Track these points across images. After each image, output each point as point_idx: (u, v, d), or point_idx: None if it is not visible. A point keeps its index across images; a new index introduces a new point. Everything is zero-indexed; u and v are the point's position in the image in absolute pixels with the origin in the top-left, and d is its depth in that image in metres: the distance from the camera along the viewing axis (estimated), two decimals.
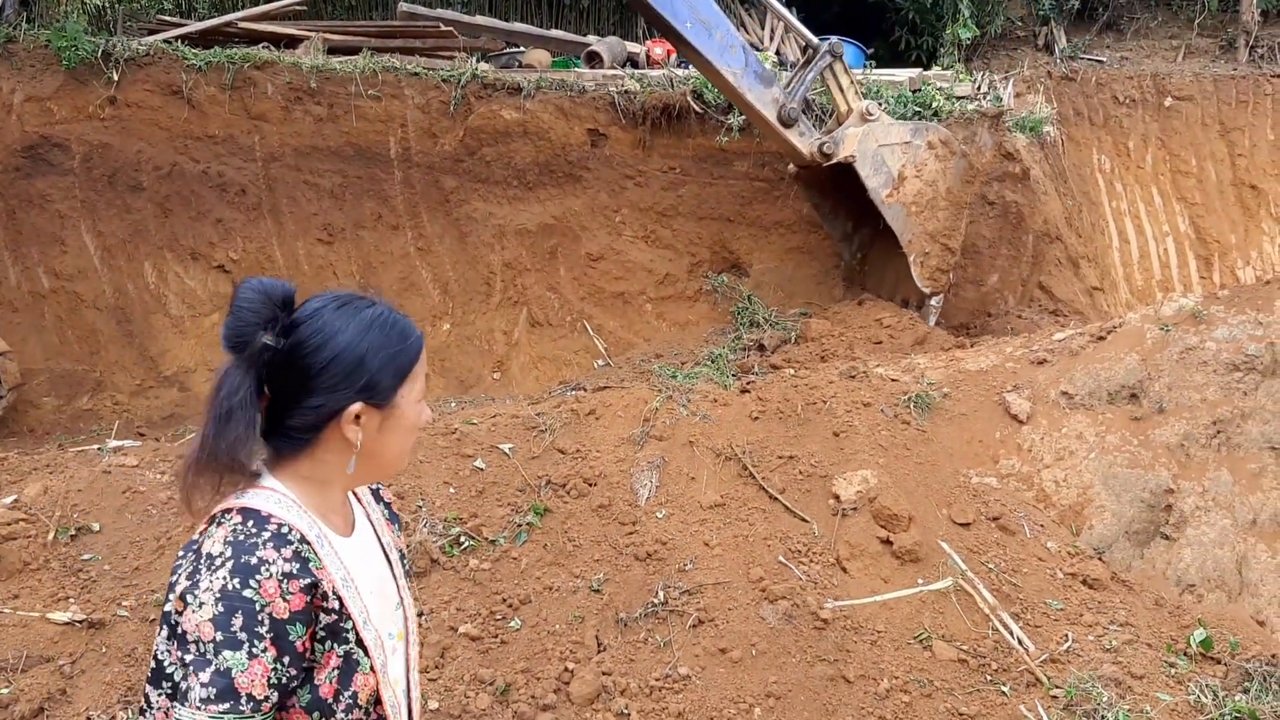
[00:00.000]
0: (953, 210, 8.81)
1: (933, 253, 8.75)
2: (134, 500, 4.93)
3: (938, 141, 8.73)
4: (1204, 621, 4.80)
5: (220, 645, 1.78)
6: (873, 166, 8.54)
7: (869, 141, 8.54)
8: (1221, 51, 13.78)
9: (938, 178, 8.69)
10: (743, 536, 5.08)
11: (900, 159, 8.60)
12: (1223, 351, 5.85)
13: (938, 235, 8.75)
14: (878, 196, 8.57)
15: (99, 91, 9.74)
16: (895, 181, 8.58)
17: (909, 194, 8.61)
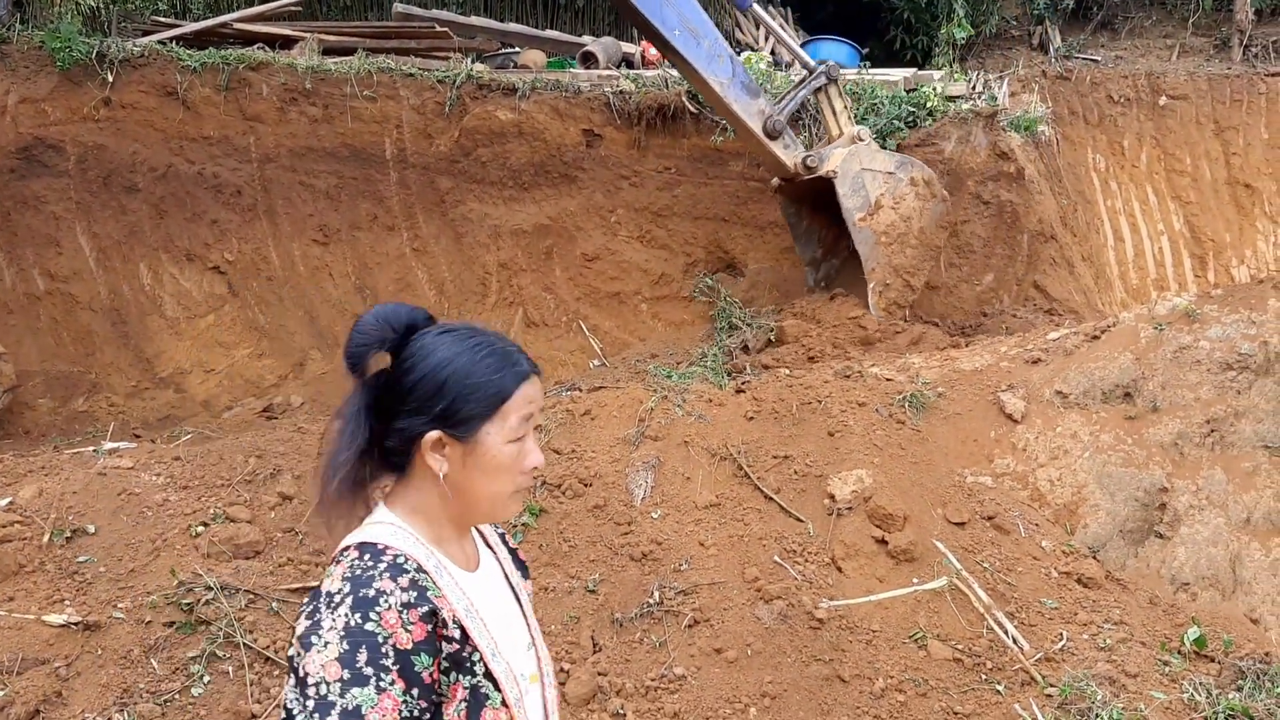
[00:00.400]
0: (922, 250, 8.71)
1: (894, 285, 8.60)
2: (129, 502, 4.93)
3: (921, 179, 8.65)
4: (1198, 620, 4.81)
5: (348, 684, 1.73)
6: (851, 187, 8.40)
7: (853, 162, 8.44)
8: (1216, 50, 13.79)
9: (913, 215, 8.58)
10: (738, 536, 5.09)
11: (880, 187, 8.47)
12: (1216, 350, 5.87)
13: (902, 270, 8.61)
14: (850, 218, 8.42)
15: (94, 93, 9.74)
16: (871, 208, 8.43)
17: (882, 223, 8.46)
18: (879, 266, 8.50)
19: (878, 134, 9.65)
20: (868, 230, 8.43)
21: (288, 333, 10.10)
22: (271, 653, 4.28)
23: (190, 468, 5.22)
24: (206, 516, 4.88)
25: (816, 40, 12.78)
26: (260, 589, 4.55)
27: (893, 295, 8.60)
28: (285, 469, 5.20)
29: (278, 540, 4.85)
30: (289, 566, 4.71)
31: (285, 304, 10.16)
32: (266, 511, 4.97)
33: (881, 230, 8.44)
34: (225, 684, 4.17)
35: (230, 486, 5.09)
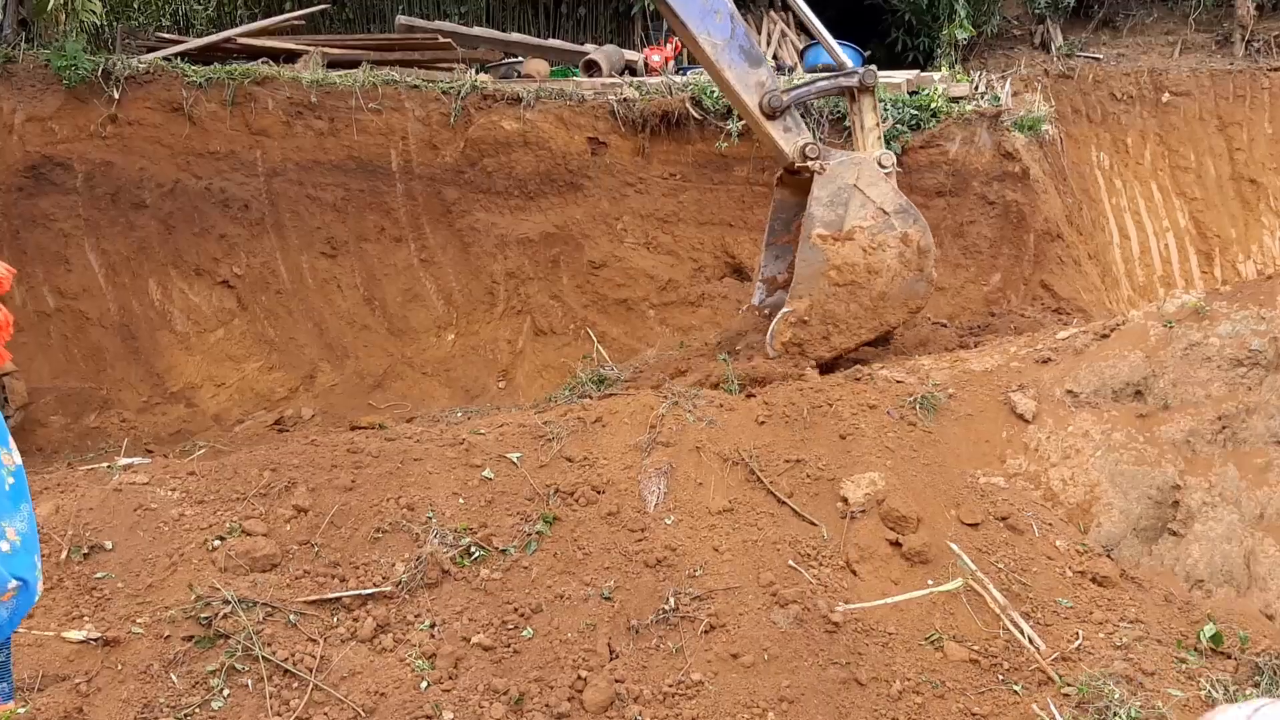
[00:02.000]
0: (868, 315, 7.21)
1: (812, 329, 7.13)
2: (145, 517, 4.95)
3: (915, 243, 7.24)
4: (1213, 617, 4.81)
5: None
6: (831, 197, 7.14)
7: (849, 172, 7.17)
8: (1218, 46, 13.81)
9: (883, 273, 7.16)
10: (752, 541, 5.10)
11: (865, 219, 7.16)
12: (1226, 347, 5.87)
13: (831, 319, 7.15)
14: (809, 227, 7.11)
15: (100, 110, 9.79)
16: (839, 233, 7.12)
17: (841, 256, 7.09)
18: (809, 298, 7.09)
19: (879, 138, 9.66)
20: (820, 252, 7.08)
21: (297, 345, 10.13)
22: (290, 665, 4.29)
23: (205, 482, 5.24)
24: (222, 530, 4.90)
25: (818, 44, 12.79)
26: (278, 601, 4.56)
27: (802, 337, 7.13)
28: (300, 481, 5.21)
29: (294, 552, 4.86)
30: (306, 579, 4.73)
31: (294, 317, 10.20)
32: (282, 524, 4.99)
33: (837, 263, 7.09)
34: (245, 697, 4.19)
35: (245, 500, 5.11)
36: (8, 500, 2.29)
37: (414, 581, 4.75)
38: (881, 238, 7.16)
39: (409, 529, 5.02)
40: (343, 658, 4.38)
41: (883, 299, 7.20)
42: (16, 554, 2.21)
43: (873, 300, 7.18)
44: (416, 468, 5.42)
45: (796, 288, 7.15)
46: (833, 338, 7.18)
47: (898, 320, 7.38)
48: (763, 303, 8.17)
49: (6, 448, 2.39)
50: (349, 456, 5.44)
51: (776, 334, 7.11)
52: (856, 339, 7.25)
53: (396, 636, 4.53)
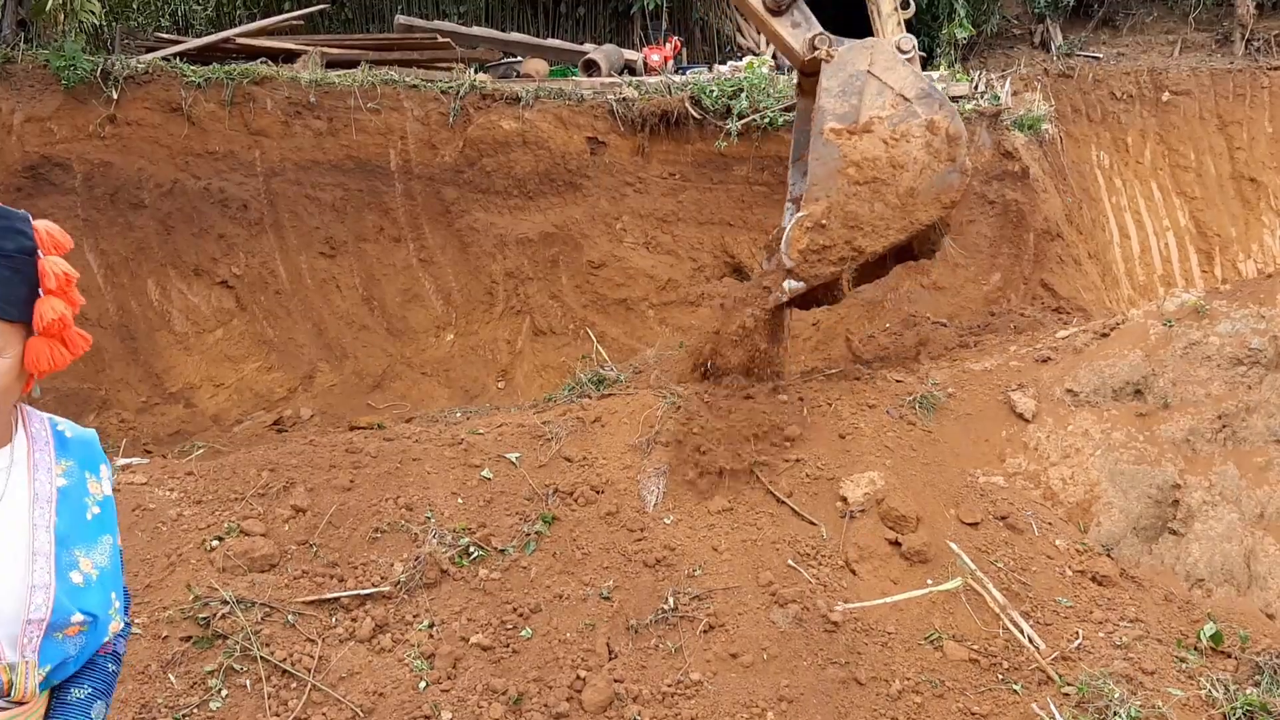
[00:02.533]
0: (897, 214, 6.37)
1: (832, 233, 6.30)
2: (144, 518, 4.94)
3: (943, 130, 6.39)
4: (1214, 616, 4.80)
5: None
6: (843, 87, 6.39)
7: (860, 58, 6.42)
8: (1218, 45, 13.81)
9: (909, 166, 6.33)
10: (751, 541, 5.09)
11: (883, 108, 6.38)
12: (1226, 346, 5.86)
13: (854, 221, 6.31)
14: (821, 122, 6.34)
15: (99, 110, 9.77)
16: (855, 125, 6.35)
17: (860, 151, 6.29)
18: (826, 200, 6.29)
19: None
20: (835, 149, 6.29)
21: (296, 345, 10.11)
22: (288, 665, 4.29)
23: (203, 482, 5.23)
24: (221, 531, 4.89)
25: None
26: (276, 602, 4.55)
27: (822, 243, 6.31)
28: (298, 481, 5.21)
29: (292, 553, 4.86)
30: (304, 579, 4.72)
31: (293, 317, 10.18)
32: (280, 524, 4.98)
33: (855, 159, 6.29)
34: (243, 697, 4.18)
35: (243, 500, 5.10)
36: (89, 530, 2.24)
37: (412, 582, 4.74)
38: (904, 127, 6.36)
39: (408, 529, 5.02)
40: (341, 658, 4.37)
41: (911, 195, 6.36)
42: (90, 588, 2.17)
43: (900, 198, 6.34)
44: (415, 468, 5.42)
45: (812, 189, 6.35)
46: (857, 240, 6.34)
47: (930, 218, 6.51)
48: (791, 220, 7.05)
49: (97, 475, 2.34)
50: (347, 456, 5.43)
51: (792, 241, 6.31)
52: (884, 241, 6.41)
53: (395, 636, 4.53)
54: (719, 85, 10.31)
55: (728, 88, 10.25)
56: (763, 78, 10.48)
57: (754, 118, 10.01)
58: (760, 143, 10.12)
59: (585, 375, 7.96)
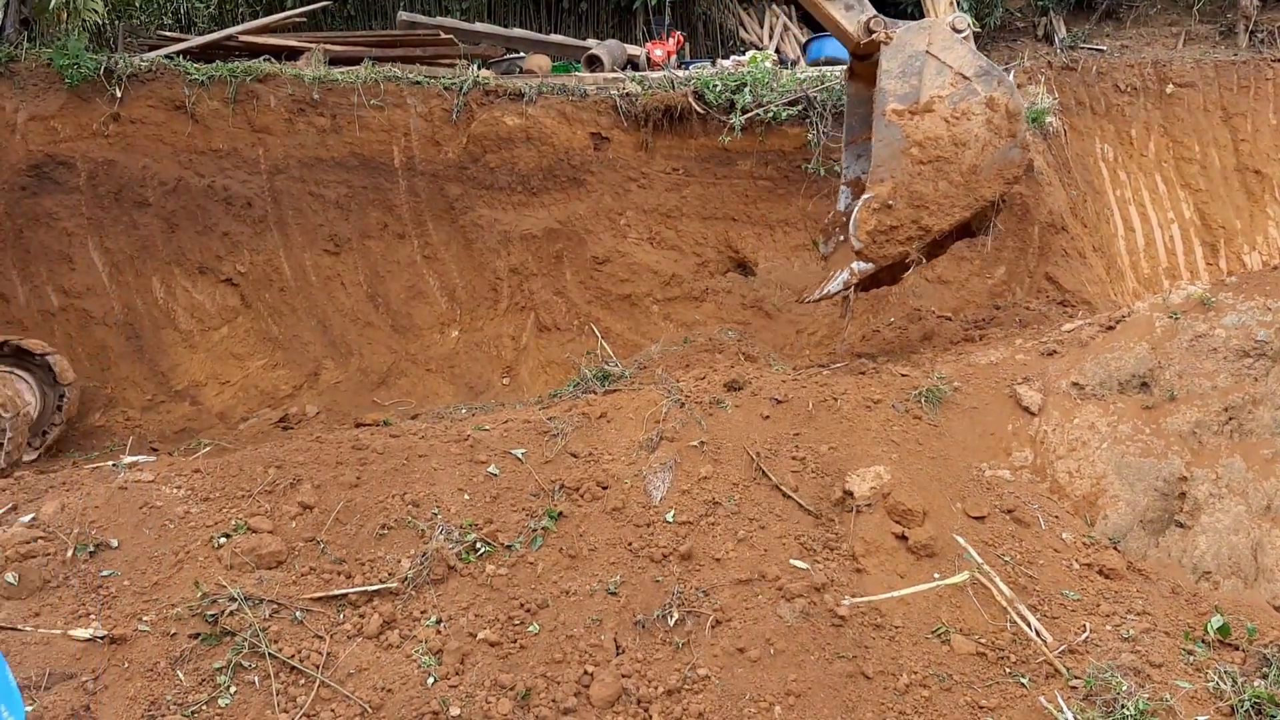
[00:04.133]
0: (961, 192, 6.62)
1: (898, 213, 6.57)
2: (151, 515, 4.95)
3: (1003, 106, 6.63)
4: (1221, 608, 4.80)
5: None
6: (903, 68, 6.53)
7: (919, 38, 6.56)
8: (1221, 37, 13.78)
9: (971, 144, 6.56)
10: (757, 535, 5.09)
11: (943, 87, 6.55)
12: (1232, 338, 5.85)
13: (919, 200, 6.56)
14: (882, 103, 6.52)
15: (102, 109, 9.78)
16: (916, 105, 6.53)
17: (922, 131, 6.50)
18: (891, 180, 6.53)
19: None
20: (898, 129, 6.50)
21: (301, 343, 10.12)
22: (296, 662, 4.29)
23: (210, 480, 5.24)
24: (228, 528, 4.90)
25: (822, 37, 12.77)
26: (284, 599, 4.56)
27: (890, 223, 6.59)
28: (305, 478, 5.21)
29: (299, 550, 4.86)
30: (311, 576, 4.73)
31: (298, 314, 10.19)
32: (287, 521, 4.99)
33: (918, 139, 6.51)
34: (252, 694, 4.19)
35: (251, 497, 5.11)
36: None
37: (420, 578, 4.75)
38: (965, 105, 6.55)
39: (414, 525, 5.02)
40: (349, 654, 4.38)
41: (974, 173, 6.59)
42: None
43: (963, 175, 6.58)
44: (421, 464, 5.42)
45: (876, 170, 6.56)
46: (923, 219, 6.60)
47: (994, 194, 6.74)
48: (848, 207, 7.49)
49: None
50: (354, 453, 5.44)
51: (860, 222, 6.55)
52: (950, 219, 6.67)
53: (403, 633, 4.53)
54: (722, 80, 10.30)
55: (731, 82, 10.24)
56: (766, 72, 10.47)
57: (757, 112, 10.00)
58: (764, 137, 10.12)
59: (590, 371, 7.95)
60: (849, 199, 7.43)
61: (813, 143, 9.97)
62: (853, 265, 6.71)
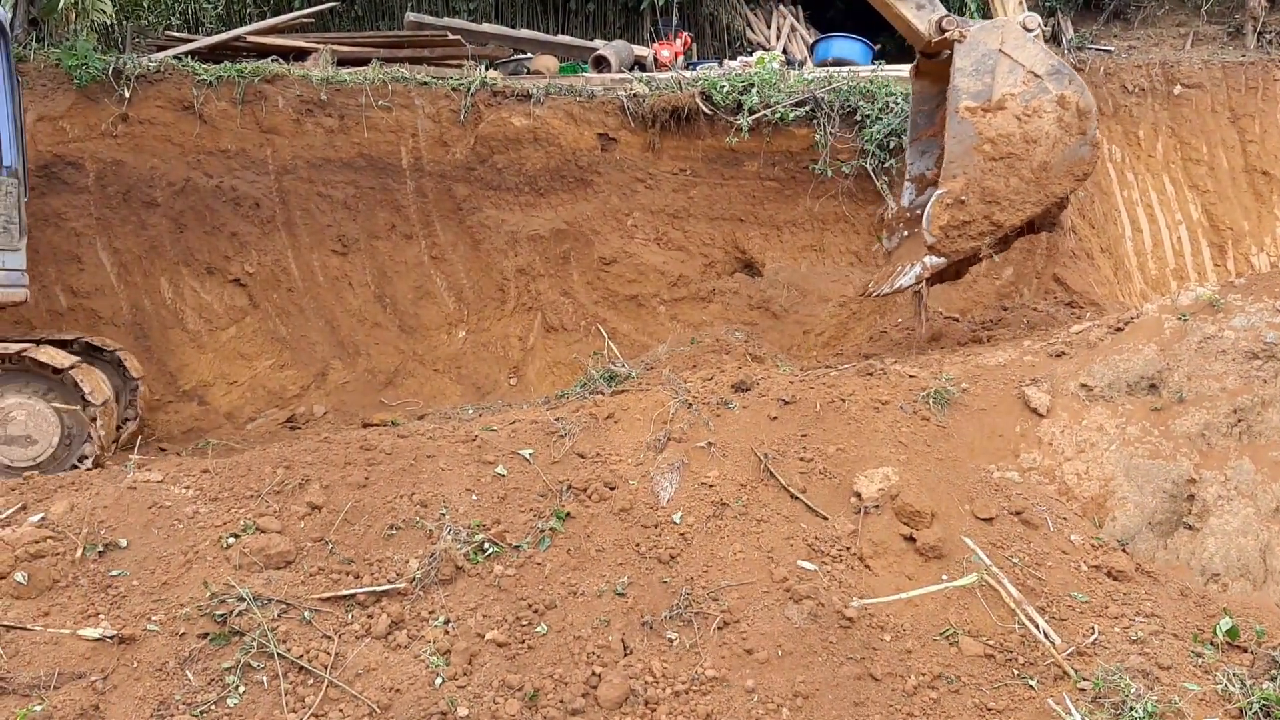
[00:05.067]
0: (1032, 189, 6.82)
1: (970, 208, 6.78)
2: (160, 515, 4.96)
3: (1074, 104, 6.81)
4: (1229, 610, 4.78)
5: None
6: (976, 66, 6.74)
7: (992, 37, 6.77)
8: (1229, 38, 13.76)
9: (1042, 141, 6.76)
10: (765, 536, 5.09)
11: (1014, 85, 6.75)
12: (1241, 340, 5.84)
13: (991, 196, 6.79)
14: (955, 100, 6.75)
15: (111, 109, 9.81)
16: (989, 102, 6.74)
17: (994, 127, 6.71)
18: (963, 176, 6.76)
19: (891, 132, 9.63)
20: (970, 126, 6.72)
21: (309, 343, 10.14)
22: (305, 662, 4.30)
23: (219, 480, 5.25)
24: (237, 528, 4.91)
25: (829, 38, 12.78)
26: (292, 599, 4.57)
27: (962, 218, 6.82)
28: (313, 479, 5.22)
29: (308, 550, 4.87)
30: (320, 576, 4.74)
31: (306, 314, 10.21)
32: (296, 521, 5.00)
33: (990, 136, 6.73)
34: (260, 694, 4.20)
35: (259, 497, 5.12)
36: None
37: (428, 578, 4.76)
38: (1036, 103, 6.75)
39: (422, 525, 5.03)
40: (357, 654, 4.39)
41: (1045, 169, 6.79)
42: None
43: (1034, 172, 6.78)
44: (429, 465, 5.43)
45: (949, 167, 6.79)
46: (995, 215, 6.82)
47: (1065, 190, 6.97)
48: (913, 203, 7.76)
49: None
50: (362, 454, 5.45)
51: (933, 218, 6.78)
52: (1021, 215, 6.88)
53: (411, 633, 4.54)
54: (729, 81, 10.30)
55: (738, 83, 10.25)
56: (773, 73, 10.48)
57: (765, 113, 10.01)
58: (771, 138, 10.12)
59: (597, 371, 7.96)
60: (913, 195, 7.70)
61: (820, 144, 9.97)
62: (924, 260, 6.92)
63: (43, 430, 7.40)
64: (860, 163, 9.91)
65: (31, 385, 7.48)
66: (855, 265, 10.17)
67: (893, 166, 9.82)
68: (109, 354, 8.55)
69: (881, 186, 9.91)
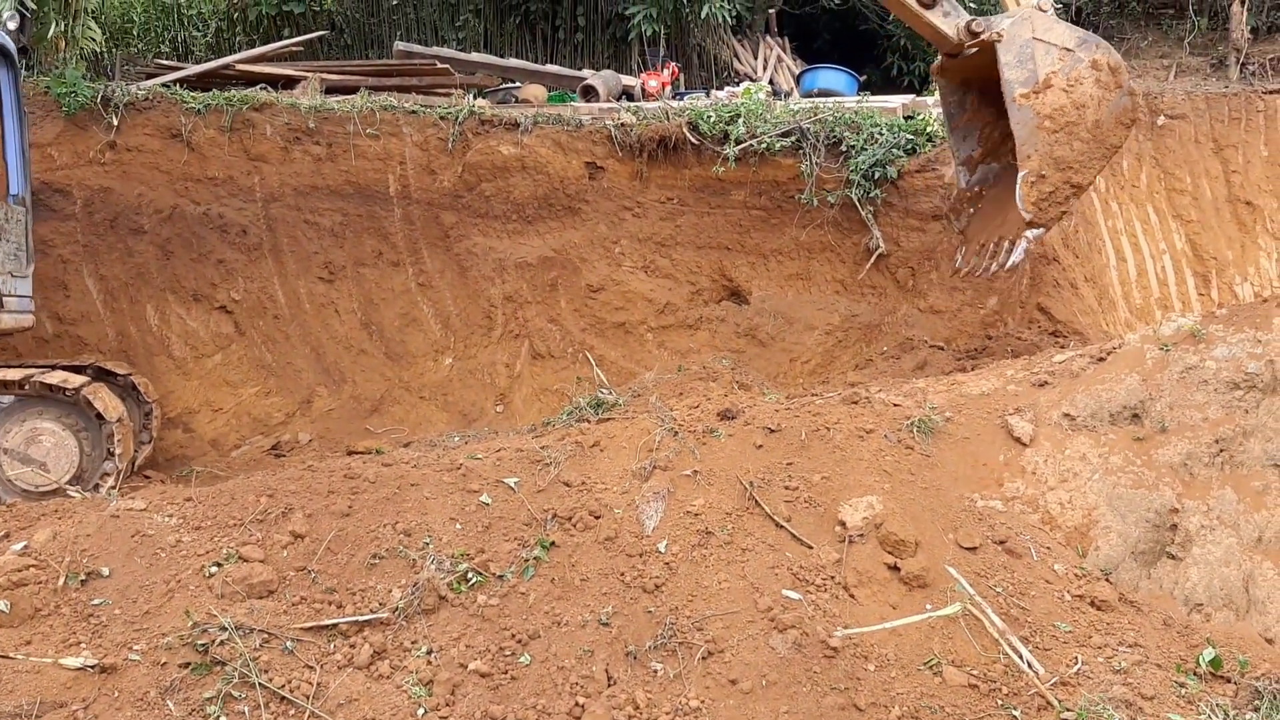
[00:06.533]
0: (1094, 146, 7.63)
1: (1051, 179, 7.56)
2: (143, 544, 4.94)
3: (1105, 64, 7.59)
4: (1213, 640, 4.80)
5: None
6: (1018, 57, 7.45)
7: (1024, 28, 7.45)
8: (1212, 69, 13.88)
9: (1089, 103, 7.53)
10: (750, 565, 5.09)
11: (1053, 63, 7.47)
12: (1223, 370, 5.87)
13: (1064, 164, 7.57)
14: (1010, 92, 7.44)
15: (99, 136, 9.82)
16: (1038, 85, 7.45)
17: (1048, 105, 7.46)
18: (1036, 154, 7.53)
19: (876, 163, 9.69)
20: (1029, 110, 7.48)
21: (294, 370, 10.13)
22: (287, 692, 4.28)
23: (202, 508, 5.24)
24: (219, 557, 4.89)
25: (815, 69, 12.87)
26: (274, 628, 4.55)
27: (1047, 189, 7.60)
28: (296, 507, 5.21)
29: (291, 579, 4.86)
30: (303, 605, 4.72)
31: (292, 342, 10.21)
32: (279, 550, 4.98)
33: (1047, 113, 7.49)
34: None
35: (242, 526, 5.10)
36: None
37: (411, 608, 4.74)
38: (1075, 73, 7.50)
39: (406, 555, 5.02)
40: (339, 684, 4.37)
41: (1099, 127, 7.59)
42: None
43: (1090, 132, 7.57)
44: (413, 493, 5.42)
45: (1022, 149, 7.50)
46: (1075, 177, 7.63)
47: (1120, 140, 7.81)
48: (969, 183, 8.55)
49: None
50: (346, 482, 5.44)
51: (1025, 197, 7.52)
52: (1093, 171, 7.73)
53: (393, 663, 4.52)
54: (716, 111, 10.36)
55: (725, 113, 10.30)
56: (760, 104, 10.54)
57: (751, 143, 10.06)
58: (757, 168, 10.17)
59: (584, 399, 7.97)
60: (967, 176, 8.55)
61: (805, 173, 10.02)
62: (1027, 234, 7.72)
63: (58, 459, 7.46)
64: (845, 193, 9.95)
65: (49, 410, 7.56)
66: (841, 294, 10.20)
67: (877, 197, 9.87)
68: (122, 378, 8.60)
69: (867, 216, 9.96)
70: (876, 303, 10.04)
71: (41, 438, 7.50)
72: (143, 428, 8.69)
